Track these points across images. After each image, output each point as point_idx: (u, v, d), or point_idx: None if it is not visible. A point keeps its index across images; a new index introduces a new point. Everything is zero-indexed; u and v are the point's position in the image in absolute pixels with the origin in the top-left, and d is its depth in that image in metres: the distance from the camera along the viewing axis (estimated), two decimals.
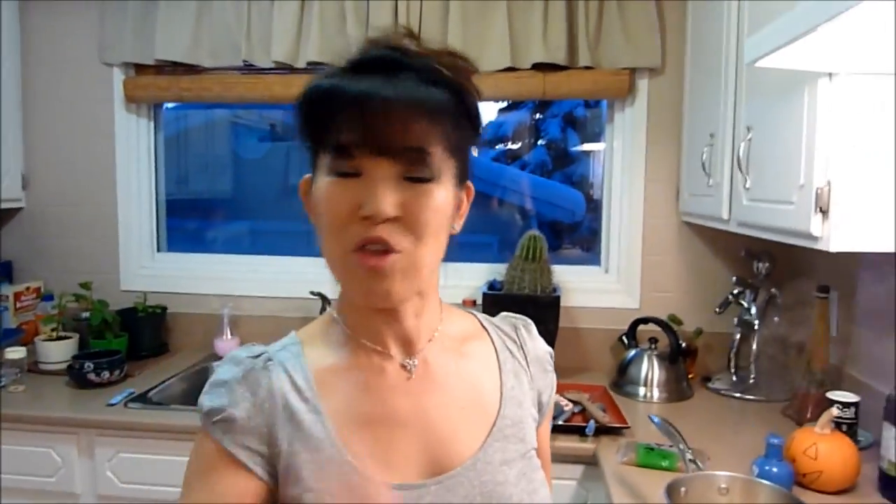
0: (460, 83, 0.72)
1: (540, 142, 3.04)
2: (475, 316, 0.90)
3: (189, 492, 0.75)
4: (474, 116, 0.75)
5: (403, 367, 0.79)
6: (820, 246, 1.28)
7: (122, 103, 2.49)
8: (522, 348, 0.87)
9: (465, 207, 0.79)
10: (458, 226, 0.78)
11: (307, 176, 0.76)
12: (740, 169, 1.62)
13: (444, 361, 0.81)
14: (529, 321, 0.92)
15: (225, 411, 0.74)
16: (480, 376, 0.83)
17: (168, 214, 2.68)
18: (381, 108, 0.66)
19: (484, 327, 0.88)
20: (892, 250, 1.24)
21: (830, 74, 1.24)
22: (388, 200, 0.67)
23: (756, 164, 1.56)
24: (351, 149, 0.68)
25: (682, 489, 1.13)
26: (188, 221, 2.79)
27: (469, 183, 0.78)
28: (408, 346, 0.80)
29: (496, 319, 0.90)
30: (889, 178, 1.23)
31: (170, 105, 2.66)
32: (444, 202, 0.71)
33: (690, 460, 1.27)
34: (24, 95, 2.52)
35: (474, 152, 0.79)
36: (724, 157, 1.77)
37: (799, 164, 1.33)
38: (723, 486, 1.16)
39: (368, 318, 0.78)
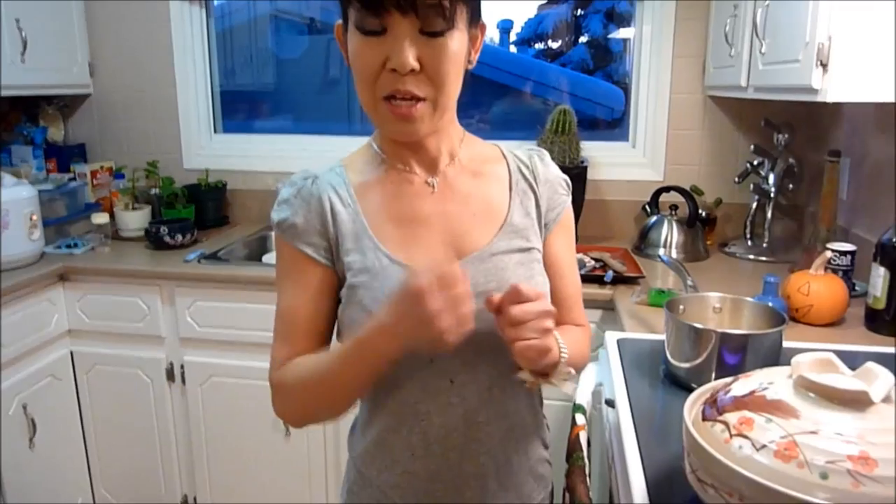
0: None
1: (581, 39, 3.02)
2: (499, 146, 1.05)
3: (282, 289, 0.96)
4: None
5: (427, 183, 0.96)
6: (819, 98, 1.41)
7: None
8: (534, 171, 1.02)
9: (479, 44, 0.92)
10: (474, 60, 0.92)
11: (339, 22, 0.90)
12: (757, 35, 1.72)
13: (461, 179, 0.98)
14: (545, 152, 1.07)
15: (289, 220, 0.94)
16: (493, 191, 0.99)
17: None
18: None
19: (504, 155, 1.04)
20: (887, 100, 1.37)
21: None
22: (411, 54, 0.80)
23: (771, 29, 1.67)
24: (377, 7, 0.79)
25: (681, 307, 1.31)
26: (236, 113, 2.96)
27: (482, 21, 0.91)
28: (431, 167, 0.97)
29: (517, 150, 1.06)
30: (886, 34, 1.34)
31: (216, 3, 2.80)
32: (459, 49, 0.85)
33: (691, 286, 1.45)
34: None
35: None
36: (746, 26, 1.86)
37: (805, 24, 1.44)
38: (716, 305, 1.34)
39: (399, 147, 0.95)
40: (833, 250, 1.69)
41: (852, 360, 0.83)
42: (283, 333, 0.95)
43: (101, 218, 2.32)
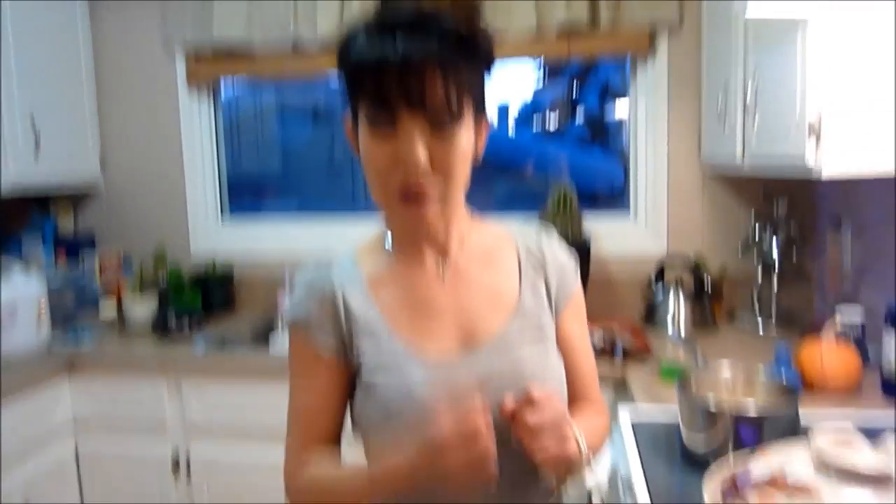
0: (475, 31, 0.86)
1: (578, 115, 3.10)
2: (507, 228, 1.06)
3: (295, 386, 0.97)
4: (487, 55, 0.89)
5: (437, 272, 0.97)
6: (814, 175, 1.44)
7: (185, 87, 2.74)
8: (542, 252, 1.03)
9: (483, 138, 0.94)
10: (480, 154, 0.94)
11: (347, 116, 0.92)
12: (748, 112, 1.77)
13: (471, 267, 0.98)
14: (552, 230, 1.09)
15: (301, 318, 0.95)
16: (503, 277, 1.00)
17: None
18: (415, 68, 0.80)
19: (512, 237, 1.04)
20: (880, 173, 1.40)
21: (817, 19, 1.39)
22: (422, 153, 0.83)
23: (762, 106, 1.72)
24: (387, 104, 0.81)
25: (693, 381, 1.29)
26: (243, 198, 3.02)
27: (487, 118, 0.94)
28: (441, 254, 0.97)
29: (525, 228, 1.07)
30: (878, 108, 1.37)
31: (223, 97, 2.91)
32: (467, 143, 0.87)
33: (702, 362, 1.43)
34: (97, 85, 2.78)
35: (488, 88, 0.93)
36: (737, 104, 1.91)
37: (795, 101, 1.48)
38: (728, 376, 1.32)
39: (409, 236, 0.97)
40: (843, 318, 1.69)
41: (871, 429, 0.82)
42: (298, 433, 0.95)
43: (108, 308, 2.34)
